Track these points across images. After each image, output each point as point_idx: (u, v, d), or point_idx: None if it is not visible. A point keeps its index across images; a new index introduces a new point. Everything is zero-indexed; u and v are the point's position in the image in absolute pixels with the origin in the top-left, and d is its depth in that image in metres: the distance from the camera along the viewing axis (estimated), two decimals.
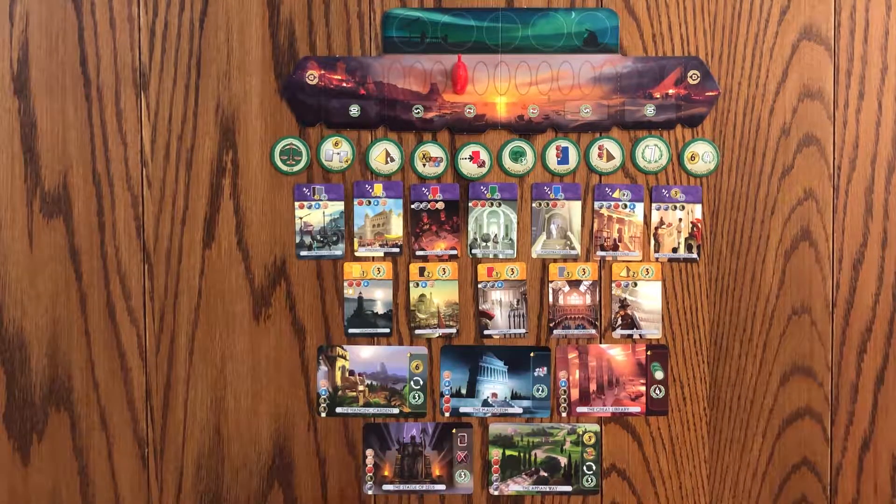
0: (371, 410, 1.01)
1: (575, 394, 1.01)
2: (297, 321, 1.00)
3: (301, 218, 1.00)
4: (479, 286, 1.00)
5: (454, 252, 1.00)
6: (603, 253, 1.00)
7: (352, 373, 1.00)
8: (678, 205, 1.00)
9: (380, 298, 1.00)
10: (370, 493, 1.01)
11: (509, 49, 0.98)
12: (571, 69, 0.99)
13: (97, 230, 0.99)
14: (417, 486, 1.01)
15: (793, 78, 0.99)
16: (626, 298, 1.00)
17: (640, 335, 1.00)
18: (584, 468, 1.01)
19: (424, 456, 1.01)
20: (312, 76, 0.99)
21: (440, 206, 1.00)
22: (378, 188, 1.00)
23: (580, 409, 1.01)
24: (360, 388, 1.00)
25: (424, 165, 0.99)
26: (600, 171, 1.00)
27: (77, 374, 1.00)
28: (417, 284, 1.00)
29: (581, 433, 1.01)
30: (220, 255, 1.00)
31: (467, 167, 0.99)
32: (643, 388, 1.00)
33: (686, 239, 1.00)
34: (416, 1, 0.98)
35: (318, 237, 1.00)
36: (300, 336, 1.00)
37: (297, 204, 1.00)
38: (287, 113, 0.99)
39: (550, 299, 1.00)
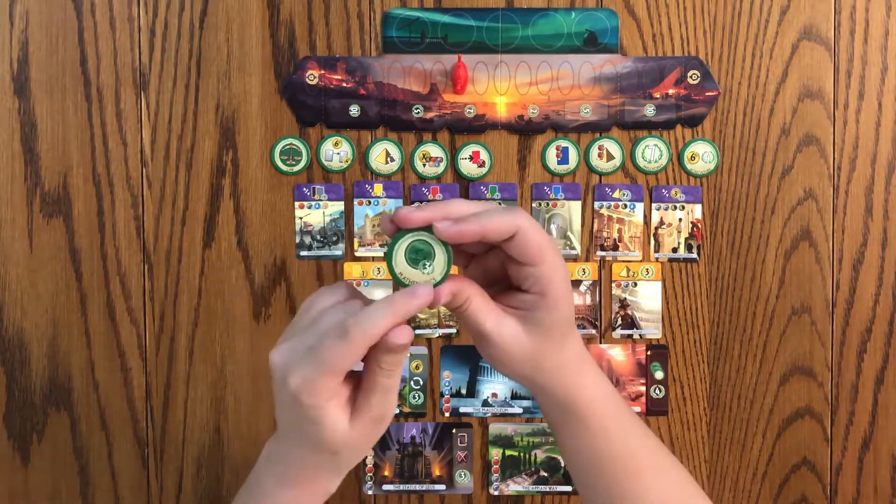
0: None
1: None
2: None
3: (301, 218, 1.00)
4: None
5: None
6: (603, 253, 1.00)
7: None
8: (678, 205, 1.00)
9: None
10: (370, 493, 1.01)
11: (509, 49, 0.98)
12: (571, 69, 0.99)
13: (97, 230, 0.99)
14: (417, 486, 1.01)
15: (793, 78, 0.99)
16: (625, 298, 1.00)
17: (639, 335, 1.00)
18: None
19: (424, 456, 1.01)
20: (312, 76, 0.99)
21: None
22: (378, 188, 1.00)
23: None
24: None
25: (424, 165, 0.99)
26: (600, 171, 1.00)
27: (77, 374, 1.00)
28: None
29: None
30: (220, 255, 1.00)
31: (467, 167, 0.99)
32: (643, 388, 1.00)
33: (686, 239, 1.00)
34: (416, 1, 0.98)
35: (318, 237, 1.00)
36: None
37: (297, 204, 1.00)
38: (287, 113, 0.99)
39: None
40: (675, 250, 1.00)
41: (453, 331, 1.00)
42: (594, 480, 0.64)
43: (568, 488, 1.01)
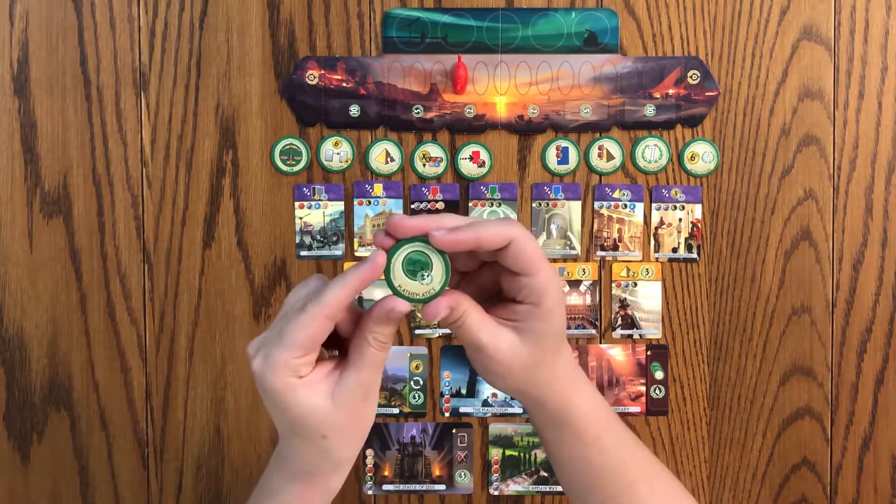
0: None
1: None
2: None
3: (301, 218, 1.00)
4: None
5: None
6: (603, 253, 1.00)
7: None
8: (678, 205, 1.00)
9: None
10: (370, 493, 1.01)
11: (509, 49, 0.98)
12: (571, 69, 0.99)
13: (97, 230, 0.99)
14: (417, 486, 1.01)
15: (793, 78, 0.99)
16: (625, 298, 1.00)
17: (640, 335, 1.00)
18: None
19: (424, 456, 1.01)
20: (312, 76, 0.99)
21: (440, 206, 1.00)
22: (378, 188, 1.00)
23: None
24: None
25: (424, 165, 0.99)
26: (600, 171, 1.00)
27: (77, 374, 1.00)
28: None
29: None
30: (220, 255, 1.00)
31: (467, 167, 0.99)
32: (643, 388, 1.00)
33: (686, 239, 1.00)
34: (416, 1, 0.98)
35: (318, 237, 1.00)
36: None
37: (297, 204, 1.00)
38: (287, 113, 0.99)
39: None
40: (675, 250, 1.00)
41: None
42: (589, 494, 0.64)
43: None
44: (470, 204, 1.00)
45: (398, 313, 0.56)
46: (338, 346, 0.60)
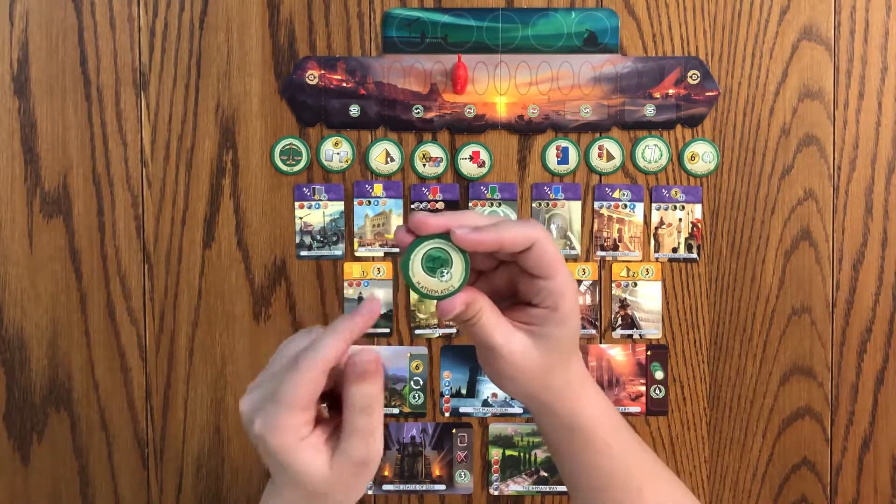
0: None
1: None
2: (297, 321, 1.00)
3: (301, 218, 1.00)
4: None
5: None
6: (603, 253, 1.00)
7: None
8: (678, 205, 1.00)
9: (380, 298, 1.00)
10: (370, 492, 1.01)
11: (509, 49, 0.98)
12: (571, 69, 0.99)
13: (97, 230, 0.99)
14: (417, 486, 1.01)
15: (793, 78, 0.99)
16: (625, 298, 1.00)
17: (639, 335, 1.00)
18: None
19: (424, 456, 1.01)
20: (312, 76, 0.99)
21: (440, 206, 1.00)
22: (378, 188, 1.00)
23: None
24: None
25: (424, 165, 1.00)
26: (600, 171, 1.00)
27: (77, 374, 1.00)
28: None
29: None
30: (220, 255, 1.00)
31: (467, 167, 0.99)
32: (643, 388, 1.00)
33: (686, 239, 1.00)
34: (416, 1, 0.98)
35: (318, 237, 1.00)
36: None
37: (297, 204, 1.00)
38: (287, 113, 0.99)
39: None
40: (675, 250, 1.00)
41: (453, 331, 1.00)
42: (596, 499, 0.64)
43: None
44: (470, 204, 1.00)
45: (357, 369, 0.53)
46: (333, 400, 0.57)
